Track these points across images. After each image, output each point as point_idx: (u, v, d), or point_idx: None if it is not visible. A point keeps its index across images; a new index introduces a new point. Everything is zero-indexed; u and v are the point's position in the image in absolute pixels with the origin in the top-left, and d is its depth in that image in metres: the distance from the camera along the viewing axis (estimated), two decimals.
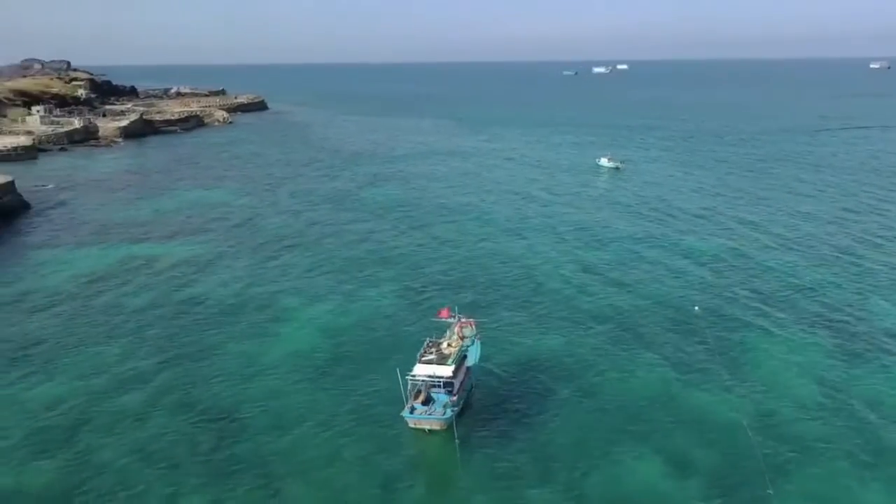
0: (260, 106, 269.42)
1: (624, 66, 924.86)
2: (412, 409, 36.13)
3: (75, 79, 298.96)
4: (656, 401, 41.29)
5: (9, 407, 40.21)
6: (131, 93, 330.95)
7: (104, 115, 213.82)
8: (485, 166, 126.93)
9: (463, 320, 43.44)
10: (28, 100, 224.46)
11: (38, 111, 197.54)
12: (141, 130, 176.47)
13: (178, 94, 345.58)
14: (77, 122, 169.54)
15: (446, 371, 36.57)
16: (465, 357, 39.74)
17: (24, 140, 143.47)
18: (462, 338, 40.93)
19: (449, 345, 39.31)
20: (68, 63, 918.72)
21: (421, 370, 36.88)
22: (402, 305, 56.77)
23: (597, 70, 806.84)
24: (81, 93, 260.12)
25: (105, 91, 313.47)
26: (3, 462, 34.83)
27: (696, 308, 52.22)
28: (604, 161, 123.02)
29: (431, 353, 38.34)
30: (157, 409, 40.48)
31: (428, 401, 36.87)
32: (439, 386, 37.03)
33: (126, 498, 32.71)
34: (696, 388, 42.90)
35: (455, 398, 36.98)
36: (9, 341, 48.95)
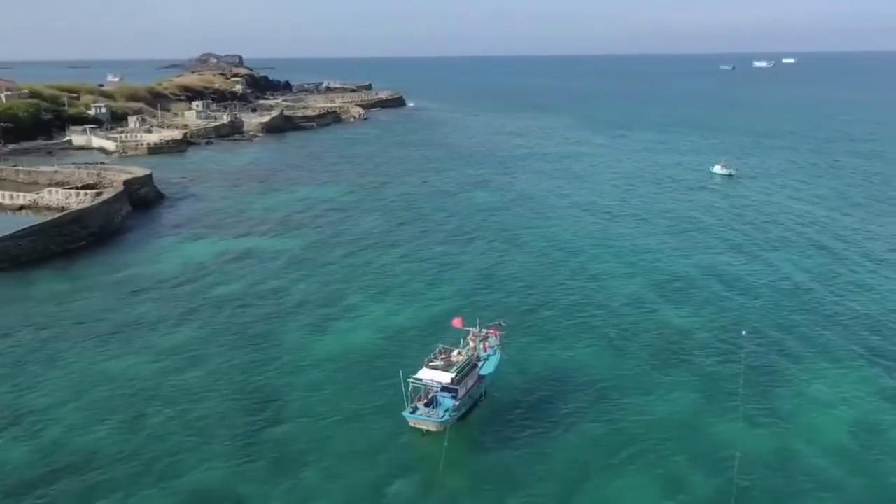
0: (398, 102, 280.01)
1: (790, 60, 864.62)
2: (414, 410, 39.09)
3: (236, 75, 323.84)
4: (671, 426, 41.32)
5: (90, 374, 47.21)
6: (285, 88, 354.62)
7: (254, 111, 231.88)
8: (594, 170, 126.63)
9: (484, 331, 45.73)
10: (191, 95, 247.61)
11: (196, 106, 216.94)
12: (280, 126, 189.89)
13: (328, 90, 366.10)
14: (225, 118, 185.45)
15: (445, 377, 39.13)
16: (475, 366, 42.07)
17: (176, 134, 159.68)
18: (475, 348, 43.30)
19: (459, 353, 41.79)
20: (240, 57, 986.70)
21: (423, 374, 39.69)
22: (459, 311, 59.25)
23: (758, 65, 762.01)
24: (239, 88, 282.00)
25: (262, 86, 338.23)
26: (72, 421, 41.43)
27: (744, 332, 51.06)
28: (717, 168, 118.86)
29: (440, 359, 40.99)
30: (211, 389, 45.96)
31: (432, 403, 39.69)
32: (446, 390, 39.68)
33: (166, 463, 37.94)
34: (716, 416, 42.40)
35: (457, 403, 39.52)
36: (108, 318, 56.82)
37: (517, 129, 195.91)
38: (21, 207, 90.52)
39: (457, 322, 44.38)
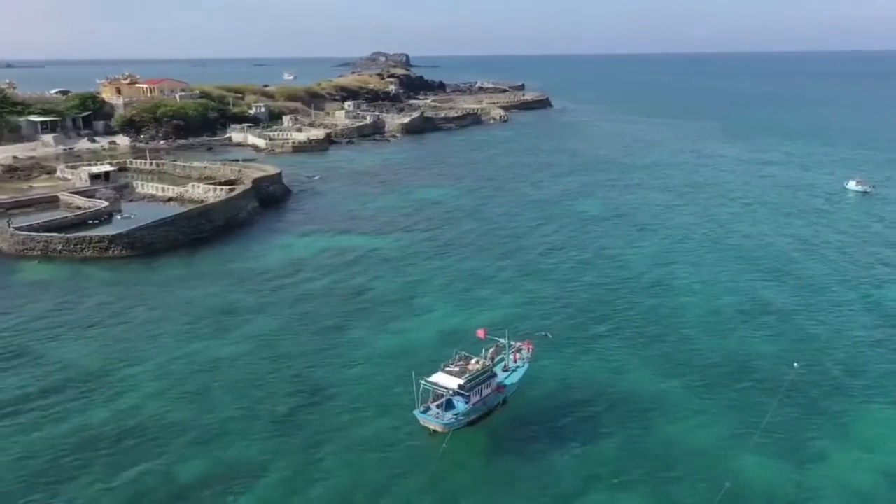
0: (543, 104, 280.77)
1: None
2: (426, 409, 42.26)
3: (393, 75, 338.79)
4: (694, 457, 41.24)
5: (176, 352, 54.46)
6: (438, 88, 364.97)
7: (401, 111, 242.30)
8: (715, 181, 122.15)
9: (516, 343, 47.85)
10: (346, 95, 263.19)
11: (347, 106, 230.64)
12: (420, 127, 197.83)
13: (480, 90, 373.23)
14: (368, 118, 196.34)
15: (453, 383, 41.91)
16: (492, 375, 44.43)
17: (320, 133, 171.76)
18: (493, 359, 45.61)
19: (477, 361, 44.36)
20: (407, 56, 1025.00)
21: (436, 377, 42.69)
22: (526, 318, 61.35)
23: None
24: (392, 88, 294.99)
25: (417, 86, 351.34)
26: (149, 390, 48.48)
27: (796, 364, 49.26)
28: (852, 184, 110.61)
29: (457, 365, 43.78)
30: (271, 373, 51.49)
31: (447, 405, 42.65)
32: (459, 395, 42.52)
33: (213, 433, 43.71)
34: (743, 451, 41.73)
35: (467, 408, 42.21)
36: (205, 303, 64.42)
37: (649, 134, 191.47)
38: (169, 199, 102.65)
39: (480, 333, 46.84)
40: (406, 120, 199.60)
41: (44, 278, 71.04)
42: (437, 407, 42.28)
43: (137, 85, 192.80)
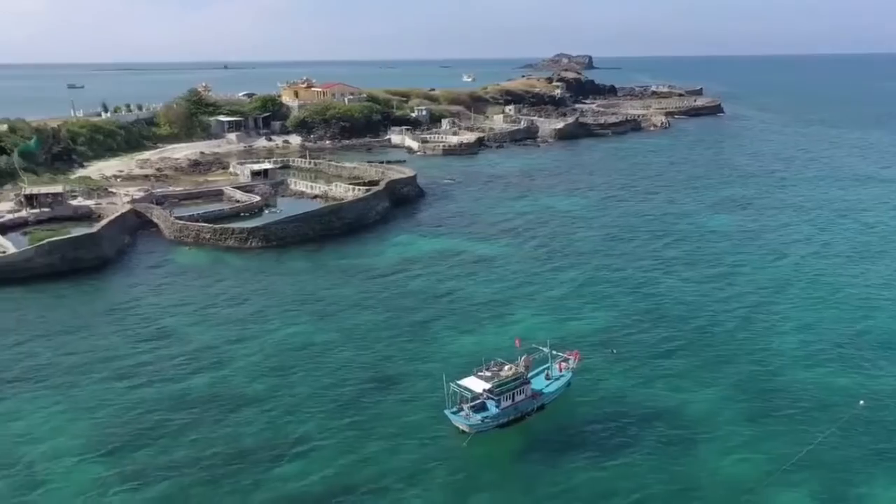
0: (713, 110, 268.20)
1: None
2: (458, 410, 45.60)
3: (562, 78, 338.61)
4: (726, 486, 40.96)
5: (275, 336, 61.70)
6: (609, 92, 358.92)
7: (563, 115, 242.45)
8: (876, 204, 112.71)
9: (563, 353, 49.81)
10: (511, 99, 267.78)
11: (508, 110, 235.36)
12: (573, 133, 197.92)
13: (653, 94, 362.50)
14: (522, 123, 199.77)
15: (478, 387, 44.87)
16: (525, 382, 46.77)
17: (471, 137, 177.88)
18: (528, 367, 47.82)
19: (509, 368, 46.93)
20: (590, 58, 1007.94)
21: (465, 381, 45.80)
22: (603, 332, 62.25)
23: None
24: (558, 92, 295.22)
25: (586, 90, 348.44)
26: (242, 365, 55.79)
27: (861, 402, 46.72)
28: None
29: (491, 370, 46.62)
30: (351, 363, 56.64)
31: (480, 408, 45.78)
32: (490, 399, 45.48)
33: (283, 410, 49.96)
34: (781, 486, 40.91)
35: (496, 412, 45.05)
36: (315, 294, 71.41)
37: (823, 147, 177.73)
38: (315, 196, 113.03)
39: (517, 342, 49.25)
40: (560, 125, 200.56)
41: (191, 262, 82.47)
42: (470, 409, 45.46)
43: (312, 89, 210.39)
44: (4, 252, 76.61)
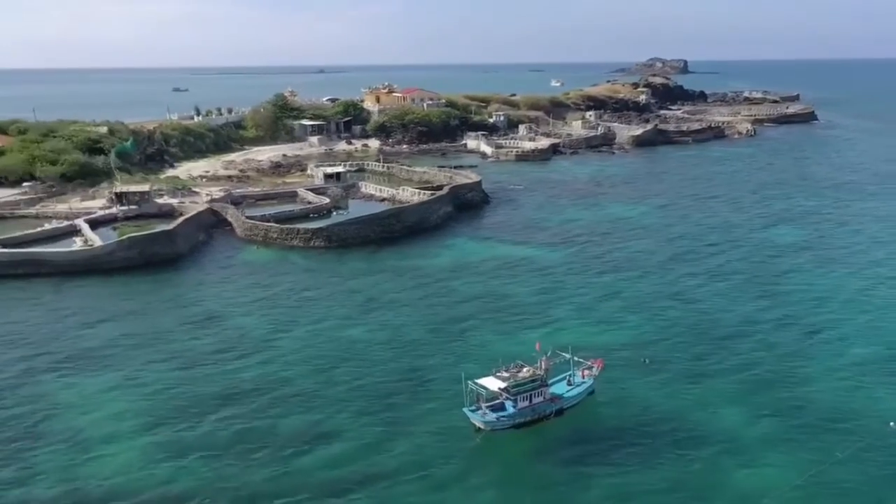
0: (805, 118, 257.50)
1: None
2: (477, 408, 47.64)
3: (648, 84, 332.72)
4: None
5: (324, 332, 65.25)
6: (698, 97, 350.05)
7: (646, 122, 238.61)
8: None
9: (587, 361, 51.10)
10: (593, 104, 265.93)
11: (588, 116, 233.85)
12: (651, 140, 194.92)
13: (746, 100, 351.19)
14: (599, 129, 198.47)
15: (494, 385, 46.76)
16: (543, 384, 48.28)
17: (544, 143, 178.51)
18: (546, 370, 49.23)
19: (528, 371, 48.53)
20: (685, 62, 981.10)
21: (483, 380, 47.69)
22: (643, 344, 62.60)
23: None
24: (642, 98, 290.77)
25: (674, 95, 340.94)
26: (289, 359, 59.53)
27: (892, 424, 45.73)
28: None
29: (510, 372, 48.38)
30: (390, 361, 59.24)
31: (499, 407, 47.72)
32: (508, 399, 47.34)
33: (320, 403, 53.10)
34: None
35: (512, 412, 46.85)
36: (367, 293, 74.58)
37: None
38: (383, 199, 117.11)
39: (537, 345, 50.80)
40: (637, 132, 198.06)
41: (256, 259, 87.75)
42: (488, 407, 47.47)
43: (393, 94, 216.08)
44: (92, 245, 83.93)
